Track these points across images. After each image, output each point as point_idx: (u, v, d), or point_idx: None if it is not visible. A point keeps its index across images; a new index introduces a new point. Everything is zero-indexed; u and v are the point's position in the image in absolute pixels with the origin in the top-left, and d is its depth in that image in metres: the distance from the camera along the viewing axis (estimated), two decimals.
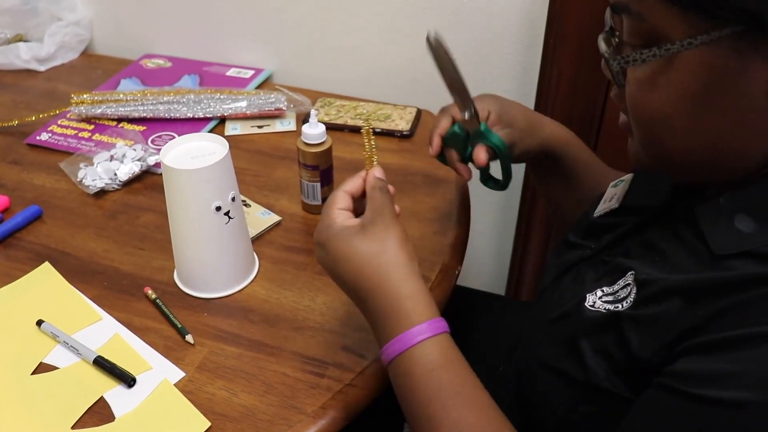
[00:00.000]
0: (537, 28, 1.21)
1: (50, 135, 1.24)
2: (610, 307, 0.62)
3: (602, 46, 0.60)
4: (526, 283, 1.51)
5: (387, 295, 0.66)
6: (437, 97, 1.33)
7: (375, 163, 0.76)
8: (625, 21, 0.57)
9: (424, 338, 0.65)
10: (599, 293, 0.65)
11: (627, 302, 0.61)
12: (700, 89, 0.53)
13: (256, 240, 0.99)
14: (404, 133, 1.22)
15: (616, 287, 0.64)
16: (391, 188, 0.74)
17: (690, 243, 0.60)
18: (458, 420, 0.62)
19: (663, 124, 0.57)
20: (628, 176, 0.80)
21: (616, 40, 0.59)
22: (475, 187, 1.28)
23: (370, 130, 0.77)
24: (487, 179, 0.91)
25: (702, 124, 0.55)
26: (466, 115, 0.82)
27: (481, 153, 0.82)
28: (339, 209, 0.71)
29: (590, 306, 0.65)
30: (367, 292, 0.67)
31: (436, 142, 0.86)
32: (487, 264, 1.56)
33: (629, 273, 0.63)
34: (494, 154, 0.84)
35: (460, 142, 0.85)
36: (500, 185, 0.89)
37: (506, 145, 0.84)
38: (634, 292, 0.61)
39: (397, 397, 0.67)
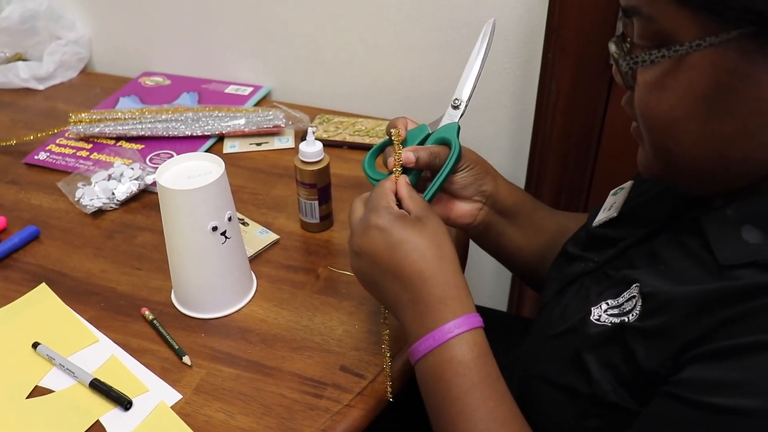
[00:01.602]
0: (535, 43, 1.20)
1: (48, 154, 1.24)
2: (616, 320, 0.62)
3: (612, 48, 0.60)
4: (528, 298, 1.50)
5: (446, 282, 0.67)
6: (436, 112, 1.33)
7: (400, 173, 0.76)
8: (635, 23, 0.57)
9: (475, 327, 0.67)
10: (604, 306, 0.65)
11: (633, 315, 0.61)
12: (708, 91, 0.53)
13: (254, 259, 0.99)
14: None
15: (621, 299, 0.64)
16: None
17: (696, 253, 0.60)
18: (494, 410, 0.64)
19: (671, 127, 0.57)
20: (628, 184, 0.80)
21: (627, 45, 0.59)
22: None
23: (400, 138, 0.78)
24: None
25: (709, 127, 0.55)
26: (457, 103, 0.80)
27: (430, 149, 0.78)
28: (392, 201, 0.72)
29: (596, 320, 0.65)
30: (426, 278, 0.67)
31: (403, 132, 0.81)
32: (488, 279, 1.55)
33: (634, 285, 0.63)
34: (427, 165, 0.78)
35: (415, 140, 0.80)
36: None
37: (459, 159, 0.80)
38: (640, 304, 0.61)
39: (429, 383, 0.67)
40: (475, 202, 0.85)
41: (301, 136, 1.25)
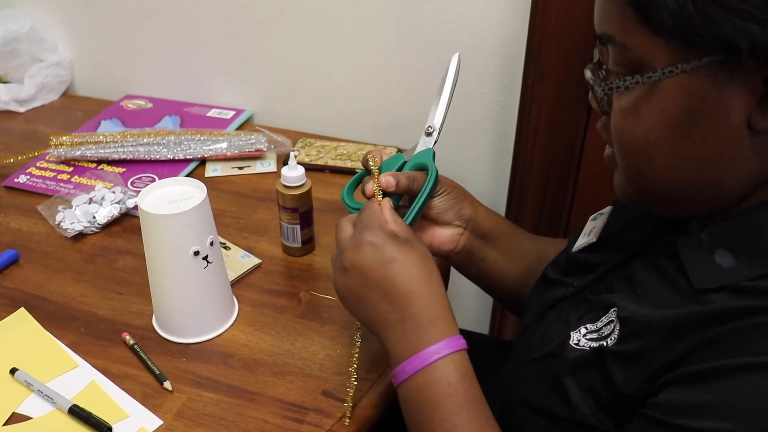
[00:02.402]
0: (515, 69, 1.22)
1: (29, 177, 1.23)
2: (594, 344, 0.63)
3: (588, 74, 0.61)
4: (509, 321, 1.51)
5: (435, 303, 0.68)
6: (417, 136, 1.34)
7: (381, 196, 0.76)
8: (610, 51, 0.58)
9: (460, 348, 0.67)
10: (583, 330, 0.66)
11: (611, 339, 0.62)
12: (680, 117, 0.55)
13: (236, 283, 0.98)
14: None
15: (599, 324, 0.65)
16: None
17: (672, 277, 0.61)
18: (480, 431, 0.64)
19: (645, 152, 0.58)
20: (607, 209, 0.82)
21: (603, 72, 0.61)
22: None
23: (377, 163, 0.79)
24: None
25: (682, 152, 0.57)
26: (430, 130, 0.82)
27: (390, 181, 0.78)
28: (383, 220, 0.72)
29: (575, 344, 0.65)
30: (416, 297, 0.68)
31: (379, 159, 0.81)
32: (470, 302, 1.56)
33: (612, 310, 0.64)
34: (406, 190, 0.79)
35: (392, 168, 0.81)
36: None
37: (437, 183, 0.81)
38: (618, 328, 0.62)
39: (414, 404, 0.67)
40: (455, 227, 0.86)
41: (283, 160, 1.25)
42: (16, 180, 1.23)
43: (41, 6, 1.49)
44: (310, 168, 1.20)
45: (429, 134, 0.83)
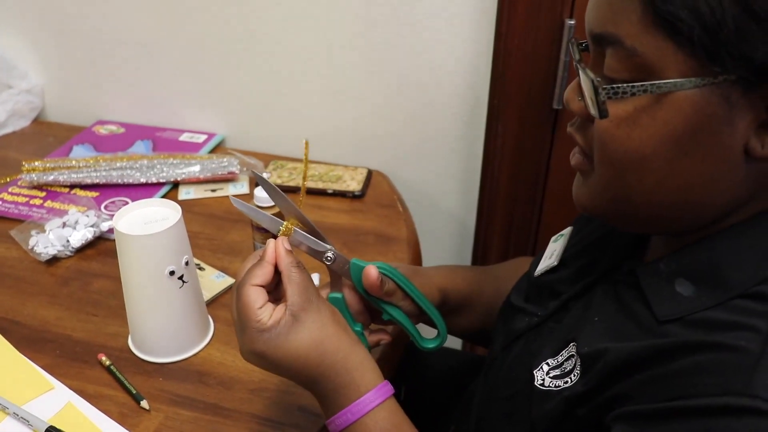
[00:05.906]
0: (481, 89, 1.25)
1: (0, 203, 1.23)
2: (560, 382, 0.63)
3: (584, 75, 0.56)
4: None
5: (336, 375, 0.65)
6: (383, 153, 1.36)
7: (286, 227, 0.73)
8: (610, 54, 0.54)
9: (373, 407, 0.65)
10: (545, 367, 0.65)
11: (574, 375, 0.61)
12: (683, 132, 0.52)
13: (211, 303, 1.00)
14: (356, 193, 1.25)
15: (560, 358, 0.64)
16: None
17: (631, 307, 0.61)
18: None
19: (636, 164, 0.55)
20: (567, 230, 0.82)
21: (597, 77, 0.55)
22: (427, 244, 1.30)
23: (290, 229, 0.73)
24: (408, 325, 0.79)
25: (677, 169, 0.54)
26: (331, 254, 0.73)
27: (372, 271, 0.73)
28: (259, 309, 0.64)
29: (540, 385, 0.65)
30: (315, 378, 0.66)
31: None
32: None
33: (571, 344, 0.64)
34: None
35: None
36: (437, 335, 0.80)
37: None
38: (579, 365, 0.61)
39: None
40: None
41: (255, 182, 1.27)
42: None
43: (11, 33, 1.50)
44: (282, 189, 1.21)
45: (332, 260, 0.73)
